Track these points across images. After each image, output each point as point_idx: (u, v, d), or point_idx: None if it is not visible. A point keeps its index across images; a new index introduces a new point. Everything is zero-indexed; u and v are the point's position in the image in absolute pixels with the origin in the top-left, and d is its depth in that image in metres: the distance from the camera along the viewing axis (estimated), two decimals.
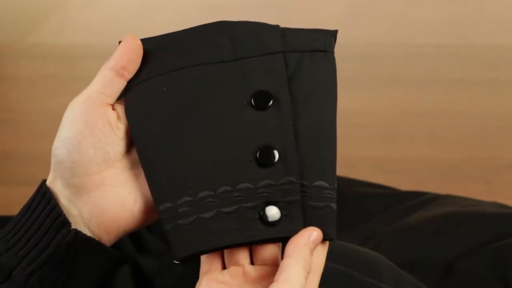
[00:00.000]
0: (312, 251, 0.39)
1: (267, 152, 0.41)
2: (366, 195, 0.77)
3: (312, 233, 0.39)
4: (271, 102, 0.41)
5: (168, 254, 0.49)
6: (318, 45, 0.43)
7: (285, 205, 0.40)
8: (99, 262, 0.42)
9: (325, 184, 0.40)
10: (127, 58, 0.43)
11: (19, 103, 1.38)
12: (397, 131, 1.19)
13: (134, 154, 0.42)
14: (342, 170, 0.93)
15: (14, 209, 0.44)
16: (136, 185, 0.42)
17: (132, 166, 0.43)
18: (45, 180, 0.42)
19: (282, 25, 0.44)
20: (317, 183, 0.40)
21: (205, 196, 0.40)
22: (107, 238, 0.42)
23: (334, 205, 0.40)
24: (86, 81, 0.44)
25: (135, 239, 0.56)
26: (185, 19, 1.68)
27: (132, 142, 0.42)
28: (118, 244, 0.46)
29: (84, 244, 0.40)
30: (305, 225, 0.39)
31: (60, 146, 0.41)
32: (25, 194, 0.43)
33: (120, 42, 0.44)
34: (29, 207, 0.41)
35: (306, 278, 0.38)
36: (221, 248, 0.40)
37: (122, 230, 0.42)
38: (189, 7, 1.72)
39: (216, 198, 0.40)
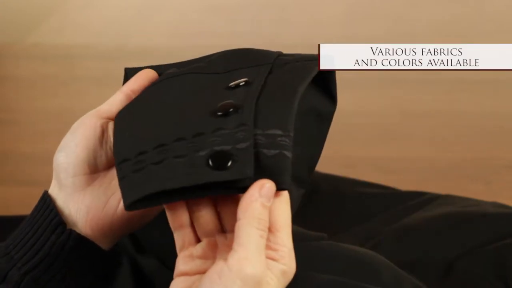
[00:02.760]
0: (265, 206, 0.36)
1: (226, 105, 0.41)
2: (366, 195, 0.77)
3: (263, 186, 0.36)
4: (243, 83, 0.43)
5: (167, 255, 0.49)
6: (310, 56, 0.45)
7: (237, 150, 0.38)
8: (93, 261, 0.43)
9: (279, 132, 0.39)
10: (138, 84, 0.46)
11: (19, 103, 1.38)
12: (397, 131, 1.19)
13: None
14: (342, 170, 0.93)
15: (14, 209, 0.44)
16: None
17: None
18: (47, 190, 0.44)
19: (282, 25, 0.45)
20: (271, 131, 0.39)
21: (158, 146, 0.40)
22: (101, 240, 0.43)
23: (288, 153, 0.38)
24: (86, 81, 0.45)
25: (135, 239, 0.56)
26: (185, 19, 1.68)
27: None
28: (118, 244, 0.46)
29: (78, 243, 0.41)
30: (257, 173, 0.37)
31: (60, 149, 0.44)
32: (25, 194, 0.44)
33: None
34: (31, 216, 0.43)
35: (263, 237, 0.36)
36: (174, 198, 0.38)
37: (112, 232, 0.43)
38: (189, 7, 1.72)
39: (169, 147, 0.39)
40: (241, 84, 0.43)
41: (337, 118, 0.49)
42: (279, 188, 0.37)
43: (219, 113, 0.40)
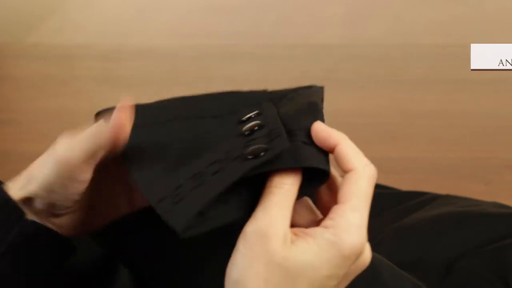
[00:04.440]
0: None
1: (251, 126, 0.40)
2: None
3: None
4: (255, 115, 0.42)
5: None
6: (303, 87, 0.44)
7: (272, 142, 0.38)
8: (56, 252, 0.41)
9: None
10: (116, 139, 0.40)
11: (19, 103, 1.38)
12: (397, 131, 1.19)
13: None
14: None
15: None
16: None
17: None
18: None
19: (282, 25, 0.45)
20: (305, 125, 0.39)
21: (193, 176, 0.39)
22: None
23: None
24: (86, 81, 0.44)
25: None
26: (185, 19, 1.68)
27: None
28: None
29: (40, 233, 0.40)
30: (297, 157, 0.37)
31: (41, 186, 0.39)
32: None
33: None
34: None
35: (274, 193, 0.36)
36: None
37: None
38: (189, 7, 1.72)
39: (204, 171, 0.39)
40: (252, 116, 0.41)
41: (337, 118, 0.49)
42: (321, 171, 0.37)
43: (246, 132, 0.40)
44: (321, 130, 0.39)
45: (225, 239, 0.39)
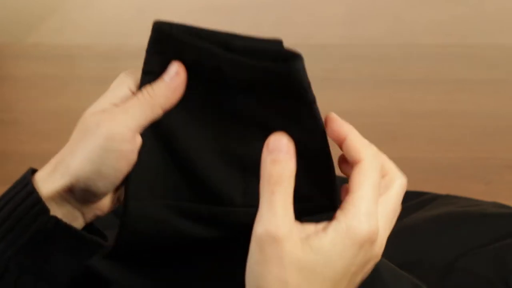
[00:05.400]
0: (275, 161, 0.36)
1: None
2: None
3: (268, 143, 0.36)
4: None
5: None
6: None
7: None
8: (76, 250, 0.41)
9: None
10: (171, 102, 0.40)
11: (19, 103, 1.38)
12: (397, 131, 1.19)
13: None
14: None
15: None
16: None
17: None
18: (32, 170, 0.41)
19: (282, 25, 0.44)
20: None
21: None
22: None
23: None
24: (86, 81, 0.44)
25: None
26: (185, 19, 1.67)
27: None
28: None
29: (64, 231, 0.40)
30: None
31: (96, 179, 0.39)
32: None
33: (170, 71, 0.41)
34: (9, 194, 0.41)
35: (276, 192, 0.35)
36: None
37: None
38: (189, 7, 1.72)
39: None
40: None
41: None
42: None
43: None
44: (334, 121, 0.39)
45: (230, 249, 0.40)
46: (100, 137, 0.38)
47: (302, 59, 0.38)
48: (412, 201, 0.76)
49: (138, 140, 0.39)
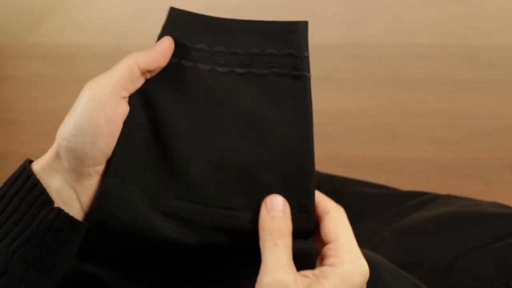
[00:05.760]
0: (274, 218, 0.40)
1: None
2: (366, 195, 0.77)
3: (266, 203, 0.40)
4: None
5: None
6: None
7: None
8: (77, 241, 0.41)
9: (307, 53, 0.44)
10: (158, 64, 0.43)
11: (19, 103, 1.38)
12: (397, 131, 1.19)
13: None
14: (342, 170, 0.93)
15: None
16: None
17: None
18: (29, 160, 0.43)
19: None
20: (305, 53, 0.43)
21: None
22: None
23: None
24: (86, 81, 0.44)
25: None
26: None
27: None
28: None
29: (66, 223, 0.40)
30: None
31: (76, 135, 0.40)
32: None
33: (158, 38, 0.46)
34: (9, 185, 0.42)
35: (279, 244, 0.39)
36: None
37: None
38: (189, 7, 1.71)
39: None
40: None
41: (337, 118, 0.49)
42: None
43: None
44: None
45: None
46: (84, 98, 0.41)
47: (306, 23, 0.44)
48: (412, 201, 0.76)
49: (124, 105, 0.42)
